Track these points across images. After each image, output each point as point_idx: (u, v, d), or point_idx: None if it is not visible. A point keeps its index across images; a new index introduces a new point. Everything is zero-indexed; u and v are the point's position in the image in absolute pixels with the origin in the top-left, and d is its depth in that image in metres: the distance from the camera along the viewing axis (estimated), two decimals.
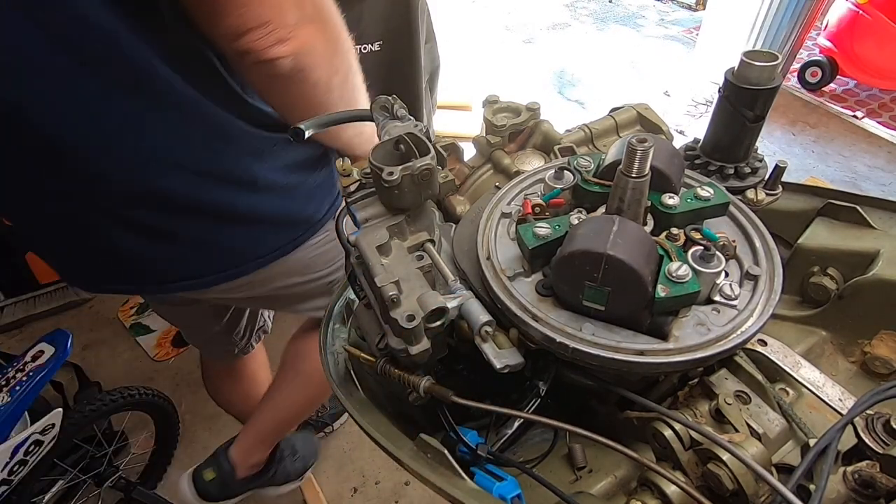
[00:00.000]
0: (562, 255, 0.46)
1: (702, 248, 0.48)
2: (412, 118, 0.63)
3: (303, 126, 0.65)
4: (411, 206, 0.57)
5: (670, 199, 0.51)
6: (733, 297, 0.48)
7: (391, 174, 0.53)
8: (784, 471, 0.48)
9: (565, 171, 0.58)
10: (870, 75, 2.91)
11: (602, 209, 0.53)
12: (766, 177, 0.65)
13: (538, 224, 0.51)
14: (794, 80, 3.18)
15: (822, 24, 3.02)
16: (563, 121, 0.77)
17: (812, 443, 0.44)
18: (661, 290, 0.44)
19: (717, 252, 0.48)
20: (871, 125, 2.89)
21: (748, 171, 0.64)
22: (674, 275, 0.45)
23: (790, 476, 0.42)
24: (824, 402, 0.54)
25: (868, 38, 2.79)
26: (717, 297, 0.48)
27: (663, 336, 0.46)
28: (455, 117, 3.00)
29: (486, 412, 0.52)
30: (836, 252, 0.67)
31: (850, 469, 0.45)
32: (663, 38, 3.89)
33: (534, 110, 0.73)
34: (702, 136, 0.67)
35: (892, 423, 0.46)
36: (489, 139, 0.72)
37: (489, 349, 0.49)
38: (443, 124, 2.77)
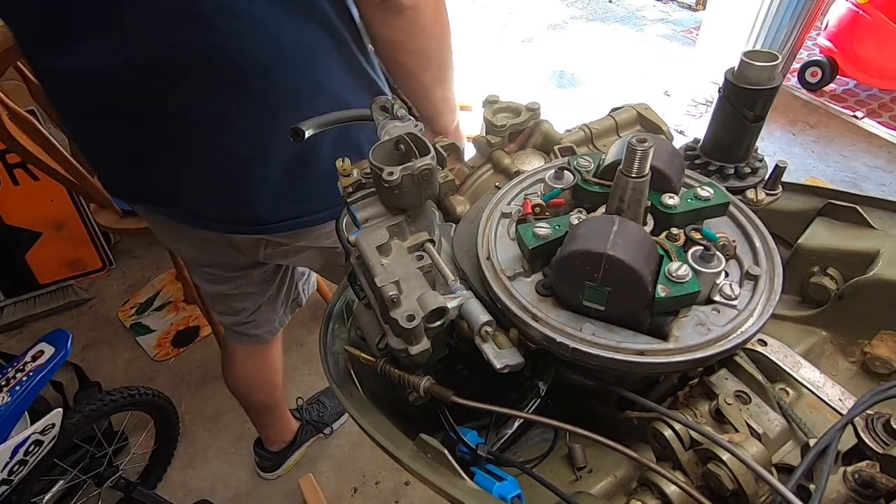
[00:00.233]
0: (562, 255, 0.46)
1: (702, 248, 0.48)
2: (412, 118, 0.63)
3: (303, 126, 0.66)
4: (411, 206, 0.57)
5: (670, 199, 0.51)
6: (733, 297, 0.48)
7: (391, 174, 0.53)
8: (784, 471, 0.48)
9: (565, 171, 0.58)
10: (870, 75, 2.91)
11: (602, 209, 0.53)
12: (766, 177, 0.65)
13: (538, 224, 0.51)
14: (794, 80, 3.17)
15: (822, 24, 3.01)
16: (563, 121, 0.77)
17: (812, 443, 0.44)
18: (661, 290, 0.44)
19: (717, 252, 0.48)
20: (871, 125, 2.89)
21: (748, 171, 0.64)
22: (674, 275, 0.45)
23: (790, 476, 0.42)
24: (824, 402, 0.54)
25: (868, 38, 2.79)
26: (717, 297, 0.48)
27: (663, 336, 0.46)
28: None
29: (486, 412, 0.52)
30: (836, 252, 0.67)
31: (850, 469, 0.45)
32: (663, 38, 3.88)
33: (534, 110, 0.73)
34: (702, 136, 0.67)
35: (892, 423, 0.46)
36: (489, 139, 0.72)
37: (489, 349, 0.49)
38: None
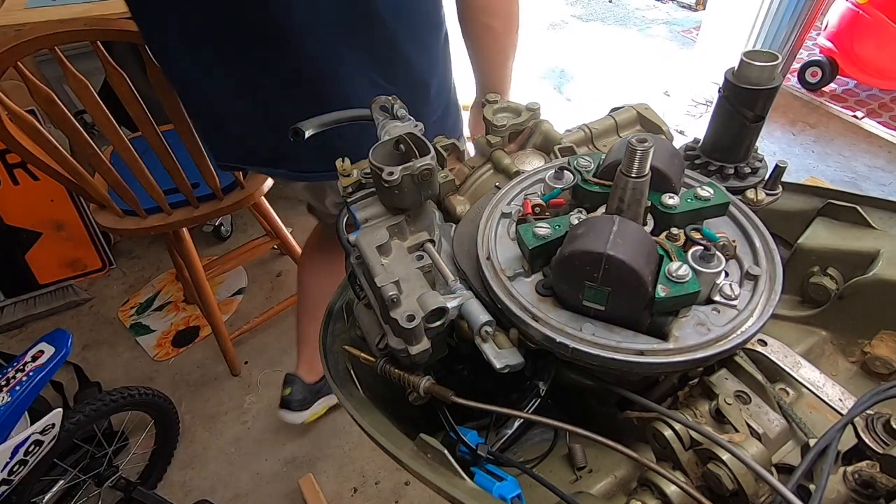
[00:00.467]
0: (562, 255, 0.46)
1: (702, 248, 0.48)
2: (412, 118, 0.63)
3: (303, 126, 0.66)
4: (411, 206, 0.57)
5: (670, 199, 0.51)
6: (733, 297, 0.48)
7: (391, 174, 0.53)
8: (784, 471, 0.48)
9: (565, 171, 0.58)
10: (870, 75, 2.91)
11: (602, 209, 0.53)
12: (766, 177, 0.65)
13: (538, 224, 0.51)
14: (794, 80, 3.17)
15: (822, 24, 3.02)
16: (563, 121, 0.77)
17: (812, 443, 0.44)
18: (661, 290, 0.44)
19: (717, 252, 0.48)
20: (871, 125, 2.88)
21: (748, 171, 0.64)
22: (674, 275, 0.45)
23: (790, 476, 0.42)
24: (824, 402, 0.54)
25: (868, 38, 2.79)
26: (717, 297, 0.48)
27: (663, 336, 0.46)
28: None
29: (486, 412, 0.52)
30: (836, 252, 0.67)
31: (850, 469, 0.45)
32: (663, 38, 3.89)
33: (534, 110, 0.73)
34: (702, 136, 0.67)
35: (892, 423, 0.46)
36: (489, 139, 0.72)
37: (489, 349, 0.49)
38: None
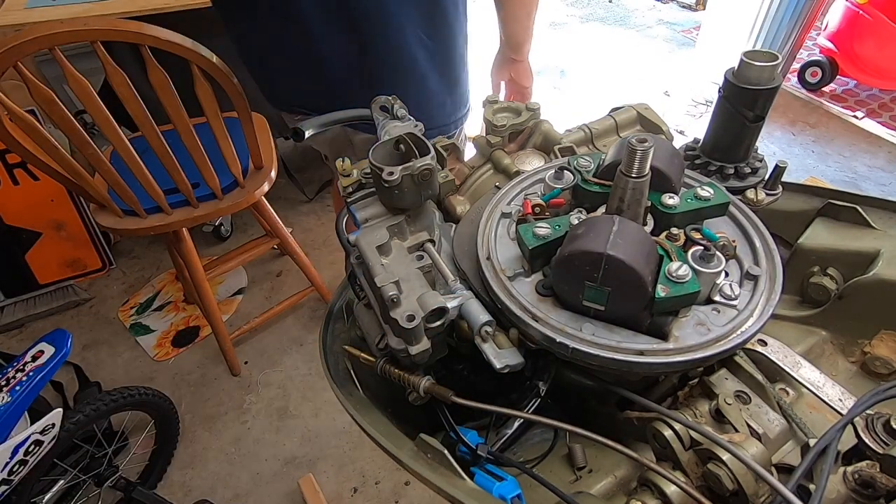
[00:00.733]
0: (562, 255, 0.46)
1: (702, 248, 0.48)
2: (412, 118, 0.64)
3: (303, 126, 0.66)
4: (411, 206, 0.57)
5: (670, 199, 0.51)
6: (733, 297, 0.48)
7: (391, 174, 0.53)
8: (784, 471, 0.48)
9: (565, 171, 0.58)
10: (870, 75, 2.91)
11: (602, 209, 0.53)
12: (766, 177, 0.65)
13: (538, 224, 0.51)
14: (794, 80, 3.17)
15: (822, 24, 3.02)
16: (562, 121, 0.77)
17: (812, 443, 0.44)
18: (661, 290, 0.44)
19: (717, 252, 0.48)
20: (871, 125, 2.88)
21: (748, 171, 0.64)
22: (674, 275, 0.45)
23: (790, 476, 0.42)
24: (824, 402, 0.54)
25: (868, 38, 2.79)
26: (717, 297, 0.48)
27: (663, 336, 0.46)
28: None
29: (486, 412, 0.52)
30: (836, 252, 0.67)
31: (850, 469, 0.45)
32: (663, 38, 3.89)
33: (534, 110, 0.73)
34: (702, 136, 0.67)
35: (892, 423, 0.46)
36: (489, 139, 0.72)
37: (489, 349, 0.49)
38: None
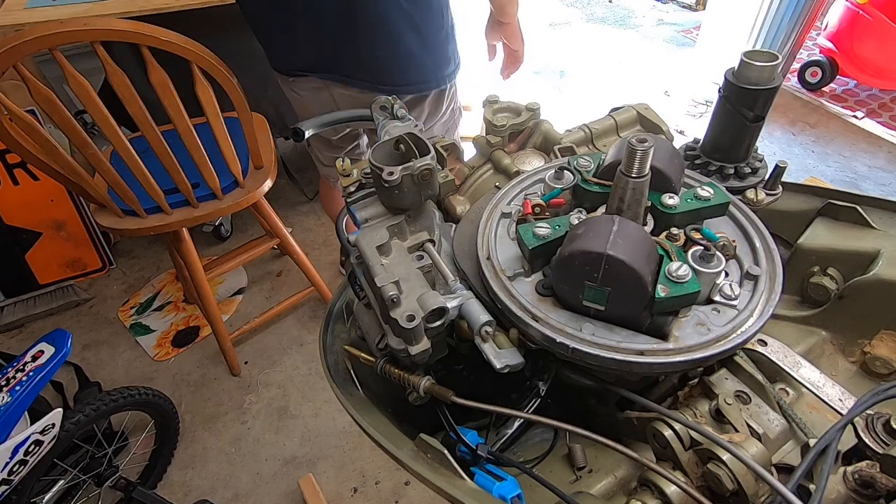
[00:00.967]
0: (562, 255, 0.46)
1: (702, 248, 0.48)
2: (412, 118, 0.64)
3: (303, 126, 0.66)
4: (411, 206, 0.57)
5: (670, 199, 0.51)
6: (733, 297, 0.48)
7: (391, 174, 0.53)
8: (784, 471, 0.48)
9: (565, 171, 0.58)
10: (870, 75, 2.91)
11: (602, 209, 0.53)
12: (766, 177, 0.65)
13: (538, 224, 0.51)
14: (794, 80, 3.17)
15: (822, 24, 3.02)
16: (562, 121, 0.77)
17: (812, 443, 0.44)
18: (661, 290, 0.44)
19: (717, 252, 0.48)
20: (871, 125, 2.88)
21: (748, 171, 0.64)
22: (674, 275, 0.45)
23: (790, 476, 0.42)
24: (824, 402, 0.54)
25: (868, 38, 2.79)
26: (717, 297, 0.48)
27: (663, 336, 0.46)
28: None
29: (486, 412, 0.52)
30: (836, 252, 0.67)
31: (850, 469, 0.45)
32: (663, 39, 3.88)
33: (534, 110, 0.73)
34: (702, 136, 0.67)
35: (892, 423, 0.46)
36: (489, 139, 0.72)
37: (489, 349, 0.49)
38: None
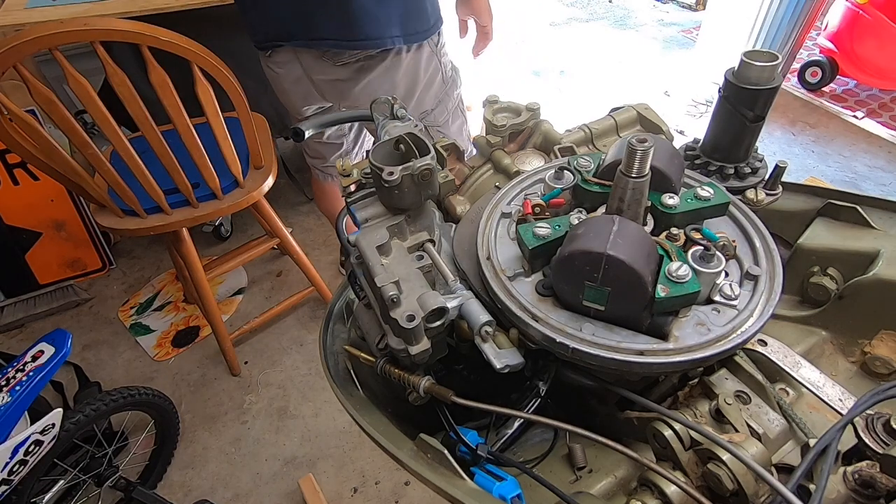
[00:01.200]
0: (562, 255, 0.46)
1: (702, 248, 0.48)
2: (412, 118, 0.64)
3: (303, 126, 0.66)
4: (411, 206, 0.57)
5: (670, 199, 0.51)
6: (733, 297, 0.48)
7: (391, 174, 0.53)
8: (784, 471, 0.48)
9: (565, 171, 0.58)
10: (870, 75, 2.91)
11: (602, 209, 0.53)
12: (766, 177, 0.65)
13: (538, 224, 0.51)
14: (794, 80, 3.17)
15: (822, 24, 3.02)
16: (562, 121, 0.77)
17: (812, 443, 0.44)
18: (661, 290, 0.44)
19: (717, 252, 0.48)
20: (871, 125, 2.88)
21: (748, 171, 0.64)
22: (674, 275, 0.45)
23: (790, 476, 0.42)
24: (824, 402, 0.54)
25: (868, 38, 2.79)
26: (717, 297, 0.48)
27: (663, 336, 0.46)
28: None
29: (486, 412, 0.52)
30: (836, 252, 0.67)
31: (850, 469, 0.45)
32: (663, 39, 3.89)
33: (534, 110, 0.73)
34: (702, 136, 0.67)
35: (892, 423, 0.46)
36: (489, 139, 0.72)
37: (489, 349, 0.49)
38: None
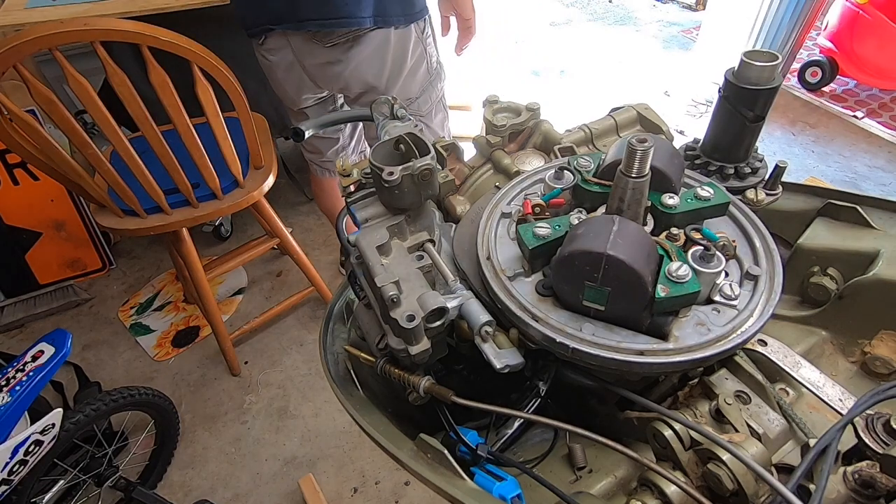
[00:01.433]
0: (562, 255, 0.46)
1: (702, 248, 0.48)
2: (412, 118, 0.64)
3: (303, 126, 0.66)
4: (411, 206, 0.57)
5: (670, 199, 0.51)
6: (733, 297, 0.48)
7: (391, 174, 0.53)
8: (784, 471, 0.48)
9: (565, 171, 0.58)
10: (870, 75, 2.91)
11: (602, 209, 0.53)
12: (766, 177, 0.65)
13: (538, 224, 0.51)
14: (794, 80, 3.17)
15: (822, 24, 3.02)
16: (562, 121, 0.77)
17: (812, 443, 0.44)
18: (661, 290, 0.44)
19: (717, 252, 0.48)
20: (871, 125, 2.88)
21: (748, 171, 0.64)
22: (674, 275, 0.45)
23: (790, 476, 0.42)
24: (824, 402, 0.54)
25: (868, 38, 2.79)
26: (717, 297, 0.48)
27: (663, 336, 0.46)
28: (455, 117, 3.00)
29: (486, 412, 0.52)
30: (836, 252, 0.67)
31: (850, 469, 0.45)
32: (663, 39, 3.89)
33: (534, 110, 0.73)
34: (702, 136, 0.67)
35: (892, 423, 0.46)
36: (489, 139, 0.72)
37: (489, 349, 0.49)
38: None
